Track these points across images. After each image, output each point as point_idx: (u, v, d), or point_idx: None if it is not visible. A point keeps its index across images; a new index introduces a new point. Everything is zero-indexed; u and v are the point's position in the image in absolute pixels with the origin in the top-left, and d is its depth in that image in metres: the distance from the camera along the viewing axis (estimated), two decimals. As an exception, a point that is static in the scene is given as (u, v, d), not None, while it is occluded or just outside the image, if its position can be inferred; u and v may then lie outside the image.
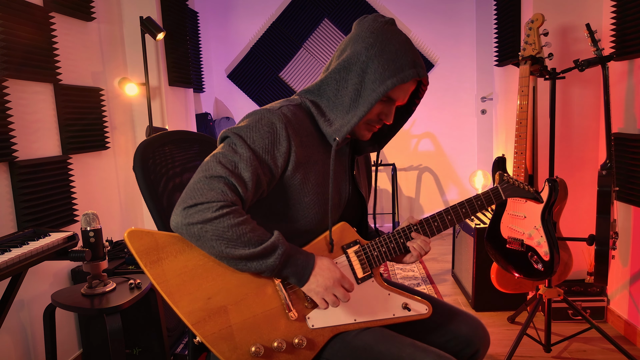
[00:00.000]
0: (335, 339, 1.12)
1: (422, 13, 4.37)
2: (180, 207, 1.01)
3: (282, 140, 1.07)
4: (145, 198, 1.26)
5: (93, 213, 1.73)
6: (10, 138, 1.89)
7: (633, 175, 2.19)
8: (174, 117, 3.19)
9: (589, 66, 2.00)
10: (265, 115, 1.08)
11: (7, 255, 1.44)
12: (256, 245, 1.01)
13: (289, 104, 1.14)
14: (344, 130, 1.09)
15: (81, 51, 2.46)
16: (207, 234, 0.99)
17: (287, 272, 1.06)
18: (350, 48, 1.10)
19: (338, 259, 1.16)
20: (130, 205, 2.87)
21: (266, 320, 1.07)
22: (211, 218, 0.99)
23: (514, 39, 2.88)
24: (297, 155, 1.08)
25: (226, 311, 1.04)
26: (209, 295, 1.04)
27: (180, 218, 1.00)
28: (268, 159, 1.06)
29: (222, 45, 4.50)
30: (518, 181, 1.34)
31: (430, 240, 1.23)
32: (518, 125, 2.11)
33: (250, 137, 1.06)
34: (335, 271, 1.09)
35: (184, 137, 1.45)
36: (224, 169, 1.02)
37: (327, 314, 1.12)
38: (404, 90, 1.10)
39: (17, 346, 1.95)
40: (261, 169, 1.05)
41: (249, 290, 1.07)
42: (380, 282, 1.19)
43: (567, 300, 2.20)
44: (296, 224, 1.13)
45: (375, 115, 1.12)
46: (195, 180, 1.03)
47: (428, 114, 4.49)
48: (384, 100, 1.10)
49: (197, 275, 1.05)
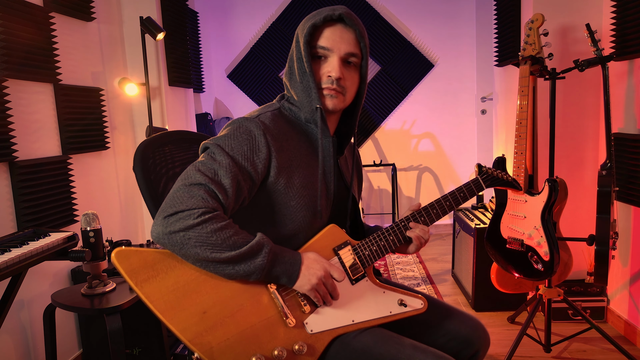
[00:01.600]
0: (335, 342, 1.11)
1: (422, 13, 4.37)
2: (160, 217, 0.99)
3: (262, 147, 1.07)
4: (145, 198, 1.26)
5: (93, 213, 1.73)
6: (10, 138, 1.89)
7: (633, 175, 2.19)
8: (174, 117, 3.19)
9: (589, 66, 2.00)
10: (243, 124, 1.09)
11: (7, 255, 1.44)
12: (242, 246, 1.00)
13: (267, 111, 1.15)
14: (314, 103, 1.11)
15: (81, 51, 2.46)
16: (190, 241, 0.97)
17: (277, 270, 1.05)
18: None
19: (330, 260, 1.15)
20: (130, 205, 2.87)
21: (264, 329, 1.06)
22: (193, 225, 0.97)
23: (514, 39, 2.88)
24: (277, 160, 1.09)
25: (223, 324, 1.03)
26: (204, 309, 1.02)
27: (160, 228, 0.98)
28: (247, 165, 1.06)
29: (222, 45, 4.50)
30: (497, 171, 1.37)
31: (429, 229, 1.24)
32: (518, 126, 2.11)
33: (228, 145, 1.06)
34: (323, 261, 1.09)
35: (184, 137, 1.45)
36: (204, 177, 1.01)
37: (325, 318, 1.11)
38: (329, 37, 1.10)
39: (17, 346, 1.95)
40: (241, 176, 1.05)
41: (244, 300, 1.05)
42: (374, 280, 1.19)
43: (567, 301, 2.20)
44: (285, 229, 1.13)
45: (324, 76, 1.12)
46: (175, 189, 1.02)
47: (428, 114, 4.49)
48: (320, 56, 1.12)
49: (190, 290, 1.02)
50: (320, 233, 1.16)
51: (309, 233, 1.15)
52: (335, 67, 1.11)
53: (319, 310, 1.11)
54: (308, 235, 1.15)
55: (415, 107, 4.49)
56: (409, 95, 4.47)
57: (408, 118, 4.51)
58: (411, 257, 3.85)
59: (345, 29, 1.12)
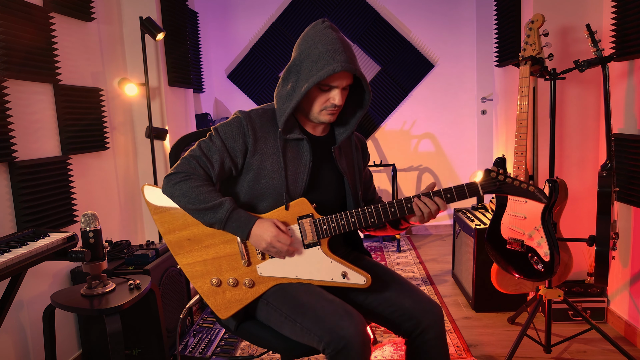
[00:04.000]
0: (276, 285, 1.43)
1: (422, 13, 4.37)
2: (166, 175, 1.43)
3: (243, 135, 1.42)
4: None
5: (93, 213, 1.72)
6: (10, 138, 1.89)
7: (633, 175, 2.19)
8: (174, 117, 3.19)
9: (589, 67, 2.00)
10: (237, 116, 1.44)
11: (6, 255, 1.44)
12: (209, 202, 1.36)
13: (262, 108, 1.48)
14: (282, 119, 1.40)
15: (81, 51, 2.46)
16: (176, 191, 1.39)
17: (232, 225, 1.37)
18: (293, 53, 1.42)
19: (293, 226, 1.42)
20: (130, 205, 2.87)
21: (226, 263, 1.43)
22: (179, 180, 1.39)
23: (514, 39, 2.88)
24: (253, 146, 1.42)
25: (199, 250, 1.44)
26: (189, 237, 1.44)
27: (164, 182, 1.42)
28: (231, 146, 1.42)
29: (222, 46, 4.50)
30: (513, 179, 1.38)
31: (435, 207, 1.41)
32: (518, 126, 2.11)
33: (223, 130, 1.43)
34: (272, 229, 1.36)
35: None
36: (201, 152, 1.41)
37: (275, 267, 1.42)
38: (334, 79, 1.36)
39: (17, 347, 1.95)
40: (227, 154, 1.42)
41: (218, 239, 1.44)
42: (326, 251, 1.42)
43: (567, 301, 2.20)
44: (258, 197, 1.44)
45: (328, 102, 1.40)
46: (181, 158, 1.43)
47: (428, 114, 4.49)
48: (325, 89, 1.38)
49: (186, 223, 1.44)
50: (290, 203, 1.42)
51: (277, 204, 1.43)
52: (339, 97, 1.39)
53: (272, 261, 1.42)
54: (277, 206, 1.43)
55: (415, 107, 4.49)
56: (409, 95, 4.47)
57: (408, 118, 4.51)
58: (411, 257, 3.85)
59: (341, 72, 1.36)
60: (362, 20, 4.35)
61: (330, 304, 1.32)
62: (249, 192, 1.45)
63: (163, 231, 1.45)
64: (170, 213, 1.45)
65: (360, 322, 1.28)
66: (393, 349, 2.35)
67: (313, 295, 1.36)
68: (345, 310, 1.29)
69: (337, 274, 1.40)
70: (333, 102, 1.39)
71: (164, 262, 2.29)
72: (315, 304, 1.33)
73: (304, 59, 1.36)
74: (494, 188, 1.38)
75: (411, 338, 1.43)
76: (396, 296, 1.45)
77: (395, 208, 1.42)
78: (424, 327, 1.40)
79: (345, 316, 1.27)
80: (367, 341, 1.26)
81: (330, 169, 1.51)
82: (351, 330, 1.24)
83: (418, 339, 1.41)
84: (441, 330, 1.43)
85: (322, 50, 1.34)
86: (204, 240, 1.44)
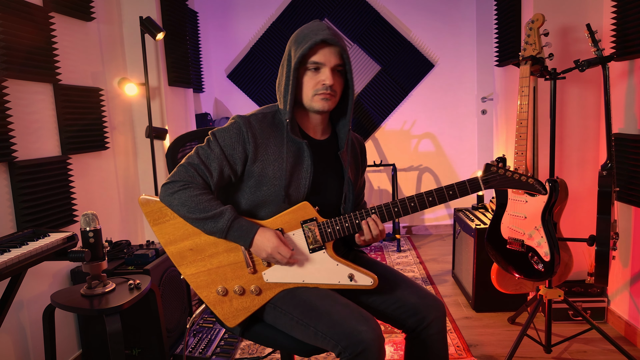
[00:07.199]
0: (284, 291, 1.41)
1: (422, 13, 4.36)
2: (163, 184, 1.39)
3: (243, 142, 1.38)
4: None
5: (92, 213, 1.72)
6: (10, 138, 1.89)
7: (633, 175, 2.19)
8: (174, 117, 3.19)
9: (589, 66, 1.99)
10: (236, 121, 1.40)
11: (6, 255, 1.44)
12: (209, 211, 1.34)
13: (262, 112, 1.44)
14: (287, 111, 1.38)
15: (81, 51, 2.46)
16: (175, 201, 1.36)
17: (234, 234, 1.36)
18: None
19: (296, 231, 1.40)
20: (130, 205, 2.87)
21: (231, 271, 1.42)
22: (177, 189, 1.36)
23: (514, 39, 2.87)
24: (253, 153, 1.39)
25: (203, 260, 1.42)
26: (191, 247, 1.42)
27: (162, 190, 1.39)
28: (230, 154, 1.38)
29: (222, 45, 4.50)
30: (510, 171, 1.38)
31: (382, 224, 1.40)
32: (518, 126, 2.11)
33: (222, 137, 1.39)
34: (273, 240, 1.34)
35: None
36: (199, 159, 1.38)
37: (281, 273, 1.40)
38: (321, 55, 1.35)
39: (17, 347, 1.95)
40: (225, 162, 1.38)
41: (222, 248, 1.41)
42: (332, 254, 1.40)
43: (567, 301, 2.19)
44: (259, 204, 1.42)
45: (319, 84, 1.37)
46: (179, 165, 1.39)
47: (428, 114, 4.49)
48: (312, 68, 1.36)
49: (187, 233, 1.41)
50: (293, 207, 1.40)
51: (280, 210, 1.41)
52: (328, 76, 1.36)
53: (277, 267, 1.40)
54: (279, 211, 1.41)
55: (415, 107, 4.49)
56: (409, 95, 4.47)
57: (408, 118, 4.51)
58: (411, 257, 3.85)
59: (331, 46, 1.36)
60: (362, 20, 4.35)
61: (345, 308, 1.31)
62: (250, 198, 1.42)
63: (164, 242, 1.43)
64: (170, 224, 1.41)
65: (376, 326, 1.28)
66: (393, 349, 2.35)
67: (326, 299, 1.35)
68: (362, 315, 1.29)
69: (344, 276, 1.39)
70: (324, 82, 1.36)
71: (164, 262, 2.29)
72: (330, 309, 1.31)
73: (292, 45, 1.39)
74: (495, 182, 1.38)
75: (415, 333, 1.43)
76: (401, 293, 1.45)
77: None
78: (429, 322, 1.41)
79: (362, 320, 1.27)
80: (383, 344, 1.27)
81: (331, 172, 1.50)
82: (369, 334, 1.24)
83: (422, 334, 1.42)
84: (443, 326, 1.45)
85: (306, 33, 1.37)
86: (207, 249, 1.41)
